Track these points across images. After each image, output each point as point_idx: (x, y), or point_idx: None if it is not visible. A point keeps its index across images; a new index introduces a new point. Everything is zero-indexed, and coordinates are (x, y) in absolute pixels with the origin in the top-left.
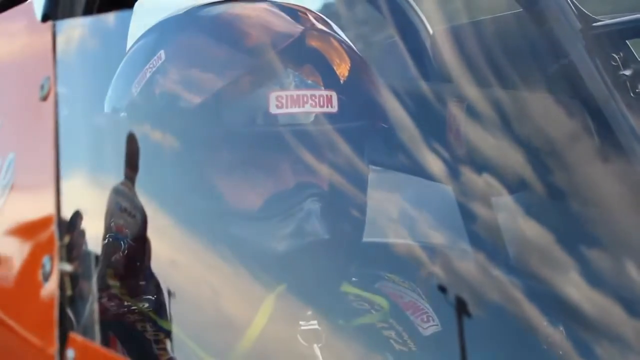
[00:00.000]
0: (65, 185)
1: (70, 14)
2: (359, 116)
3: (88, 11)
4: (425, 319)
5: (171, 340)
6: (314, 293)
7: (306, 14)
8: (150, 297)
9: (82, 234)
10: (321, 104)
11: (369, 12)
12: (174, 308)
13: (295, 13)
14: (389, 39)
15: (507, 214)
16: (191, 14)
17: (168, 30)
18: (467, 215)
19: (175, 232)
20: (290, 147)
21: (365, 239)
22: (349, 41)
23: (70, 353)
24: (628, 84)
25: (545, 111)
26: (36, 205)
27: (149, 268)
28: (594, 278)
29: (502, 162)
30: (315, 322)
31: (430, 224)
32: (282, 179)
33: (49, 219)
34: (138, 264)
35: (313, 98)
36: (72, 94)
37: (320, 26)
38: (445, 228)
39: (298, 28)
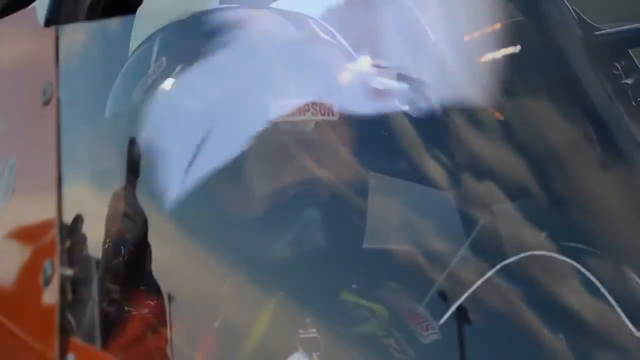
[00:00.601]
0: (66, 190)
1: (73, 19)
2: (360, 124)
3: (91, 16)
4: (425, 327)
5: (171, 346)
6: (313, 301)
7: (309, 22)
8: (150, 302)
9: (84, 238)
10: (322, 112)
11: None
12: (173, 314)
13: (298, 21)
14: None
15: (509, 221)
16: (193, 20)
17: (170, 36)
18: (468, 223)
19: (175, 239)
20: (291, 155)
21: (365, 246)
22: (350, 49)
23: (70, 358)
24: (630, 93)
25: (547, 119)
26: (38, 210)
27: (149, 273)
28: (595, 286)
29: (503, 169)
30: (314, 330)
31: (430, 231)
32: (282, 187)
33: (51, 223)
34: (138, 269)
35: (314, 106)
36: (74, 99)
37: (322, 34)
38: (446, 235)
39: (301, 36)
